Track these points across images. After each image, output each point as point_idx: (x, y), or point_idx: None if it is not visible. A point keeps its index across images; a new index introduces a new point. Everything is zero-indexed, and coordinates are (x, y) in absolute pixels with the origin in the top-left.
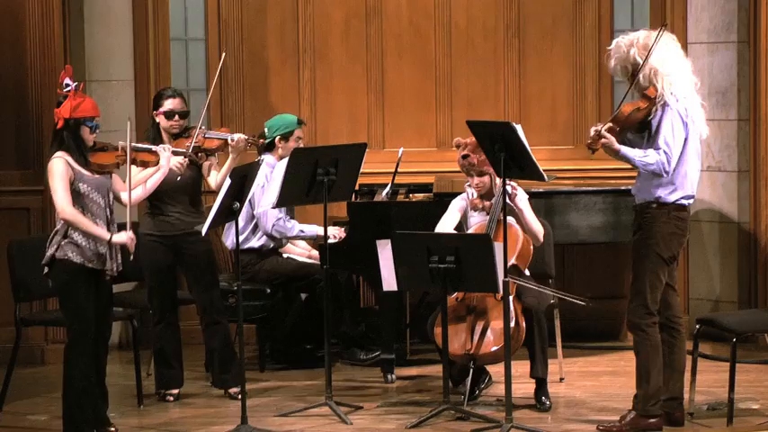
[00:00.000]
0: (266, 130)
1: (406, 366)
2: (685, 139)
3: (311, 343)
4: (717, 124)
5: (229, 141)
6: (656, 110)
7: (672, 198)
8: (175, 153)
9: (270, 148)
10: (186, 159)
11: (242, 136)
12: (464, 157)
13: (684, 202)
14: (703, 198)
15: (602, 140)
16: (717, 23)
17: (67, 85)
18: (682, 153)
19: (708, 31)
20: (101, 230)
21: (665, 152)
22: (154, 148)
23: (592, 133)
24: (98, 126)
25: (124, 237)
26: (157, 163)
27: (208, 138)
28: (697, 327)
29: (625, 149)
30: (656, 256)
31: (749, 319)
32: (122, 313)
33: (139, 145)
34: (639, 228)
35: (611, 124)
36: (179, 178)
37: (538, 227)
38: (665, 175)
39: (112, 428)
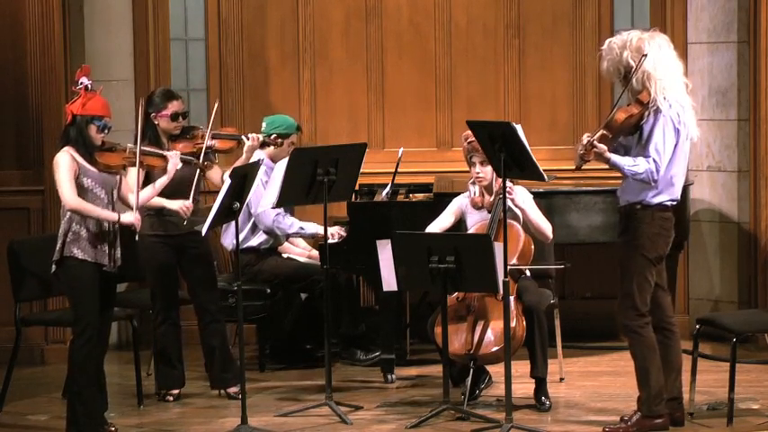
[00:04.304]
0: (264, 124)
1: (406, 366)
2: (675, 145)
3: (311, 343)
4: (717, 124)
5: (247, 141)
6: (649, 115)
7: (655, 200)
8: (183, 160)
9: (262, 145)
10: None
11: (259, 136)
12: (469, 142)
13: (668, 203)
14: (703, 198)
15: (595, 150)
16: (717, 23)
17: (82, 83)
18: (670, 159)
19: (708, 31)
20: (107, 213)
21: (654, 160)
22: (165, 153)
23: (584, 141)
24: (108, 126)
25: (131, 217)
26: (163, 167)
27: (219, 139)
28: (697, 327)
29: (615, 158)
30: (643, 258)
31: (749, 319)
32: (122, 313)
33: (148, 149)
34: (625, 230)
35: (603, 132)
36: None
37: (545, 224)
38: (652, 184)
39: (112, 428)
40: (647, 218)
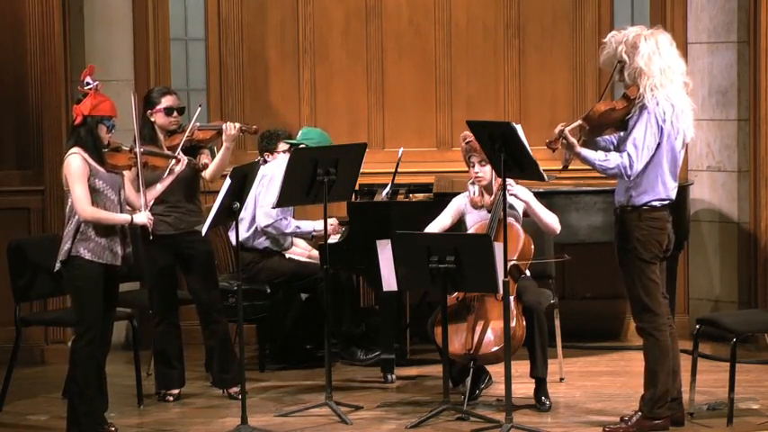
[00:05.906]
0: (300, 133)
1: (406, 366)
2: (659, 144)
3: (311, 343)
4: (717, 124)
5: (223, 129)
6: (635, 111)
7: (641, 201)
8: (190, 164)
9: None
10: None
11: (236, 124)
12: (467, 142)
13: (656, 203)
14: (703, 198)
15: (563, 141)
16: (717, 23)
17: (88, 84)
18: (653, 157)
19: (708, 31)
20: (121, 216)
21: (628, 155)
22: (179, 156)
23: (556, 130)
24: (115, 126)
25: (144, 217)
26: (166, 167)
27: (201, 130)
28: (697, 327)
29: (585, 152)
30: (638, 260)
31: (749, 319)
32: (122, 313)
33: (152, 149)
34: (618, 233)
35: (580, 122)
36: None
37: (551, 216)
38: (626, 179)
39: (112, 428)
40: (635, 219)
